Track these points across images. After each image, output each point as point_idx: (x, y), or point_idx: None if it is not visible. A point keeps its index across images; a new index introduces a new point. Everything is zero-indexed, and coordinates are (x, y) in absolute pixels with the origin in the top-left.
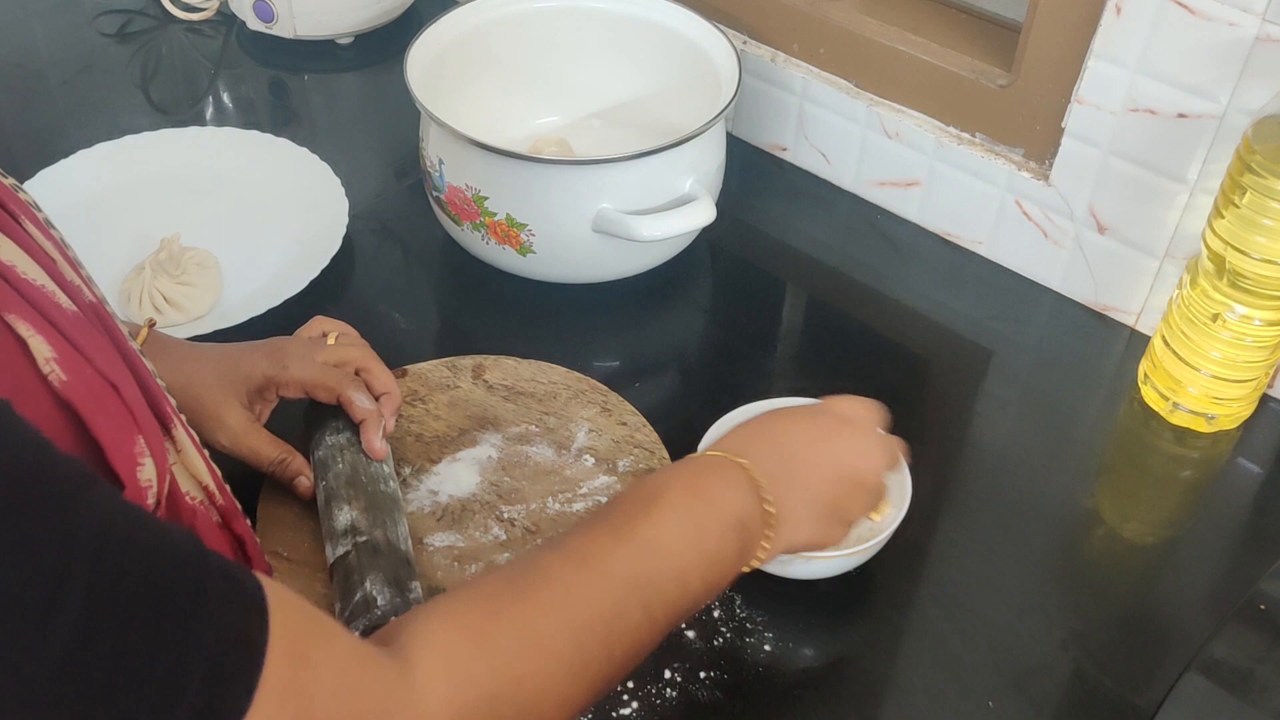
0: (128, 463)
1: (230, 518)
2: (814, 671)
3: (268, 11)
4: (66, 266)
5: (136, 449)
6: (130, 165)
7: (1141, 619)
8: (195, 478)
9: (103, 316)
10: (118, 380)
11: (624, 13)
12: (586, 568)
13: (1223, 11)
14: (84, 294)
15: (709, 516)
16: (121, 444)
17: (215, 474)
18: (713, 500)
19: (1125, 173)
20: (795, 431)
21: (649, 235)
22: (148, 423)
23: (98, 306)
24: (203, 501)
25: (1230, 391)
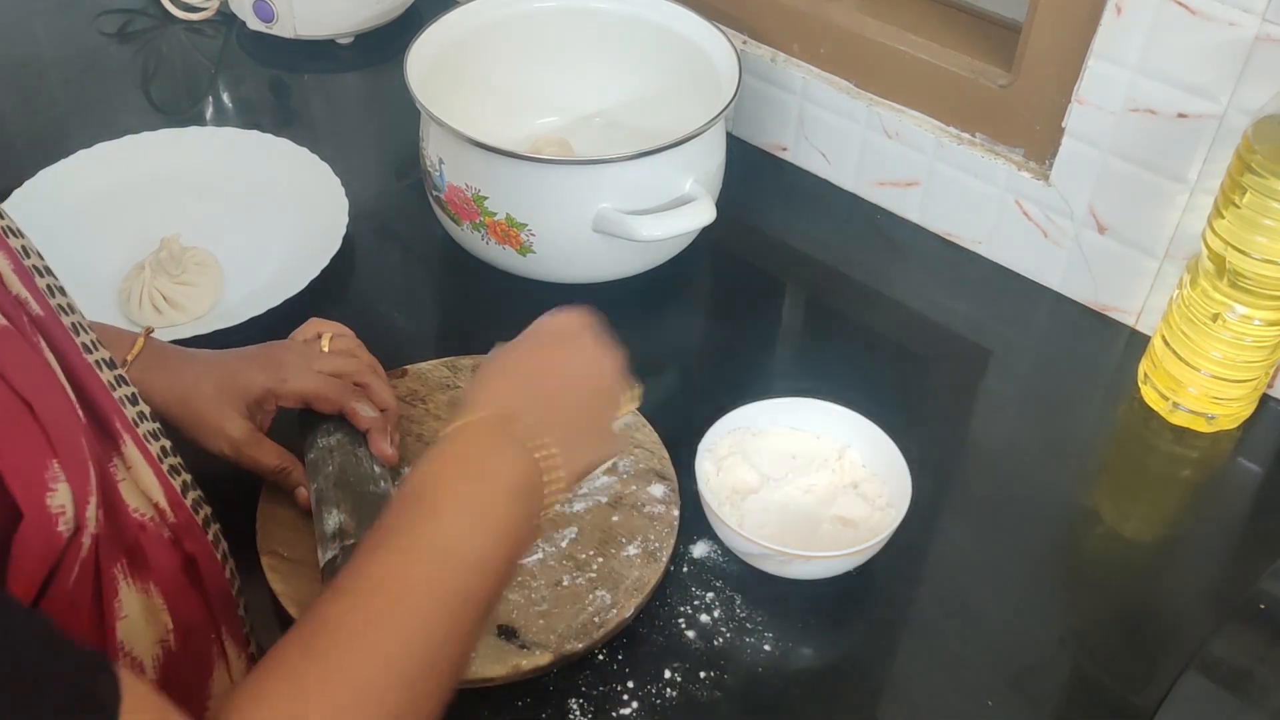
0: (33, 489)
1: (184, 535)
2: (814, 671)
3: (268, 11)
4: (14, 279)
5: (49, 474)
6: (130, 165)
7: (1141, 618)
8: (146, 494)
9: (48, 329)
10: (34, 398)
11: (624, 13)
12: (382, 598)
13: (1223, 11)
14: (30, 305)
15: (489, 495)
16: (25, 468)
17: (170, 490)
18: (486, 476)
19: (1125, 173)
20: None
21: (649, 235)
22: (69, 444)
23: (45, 319)
24: (153, 518)
25: (1230, 391)
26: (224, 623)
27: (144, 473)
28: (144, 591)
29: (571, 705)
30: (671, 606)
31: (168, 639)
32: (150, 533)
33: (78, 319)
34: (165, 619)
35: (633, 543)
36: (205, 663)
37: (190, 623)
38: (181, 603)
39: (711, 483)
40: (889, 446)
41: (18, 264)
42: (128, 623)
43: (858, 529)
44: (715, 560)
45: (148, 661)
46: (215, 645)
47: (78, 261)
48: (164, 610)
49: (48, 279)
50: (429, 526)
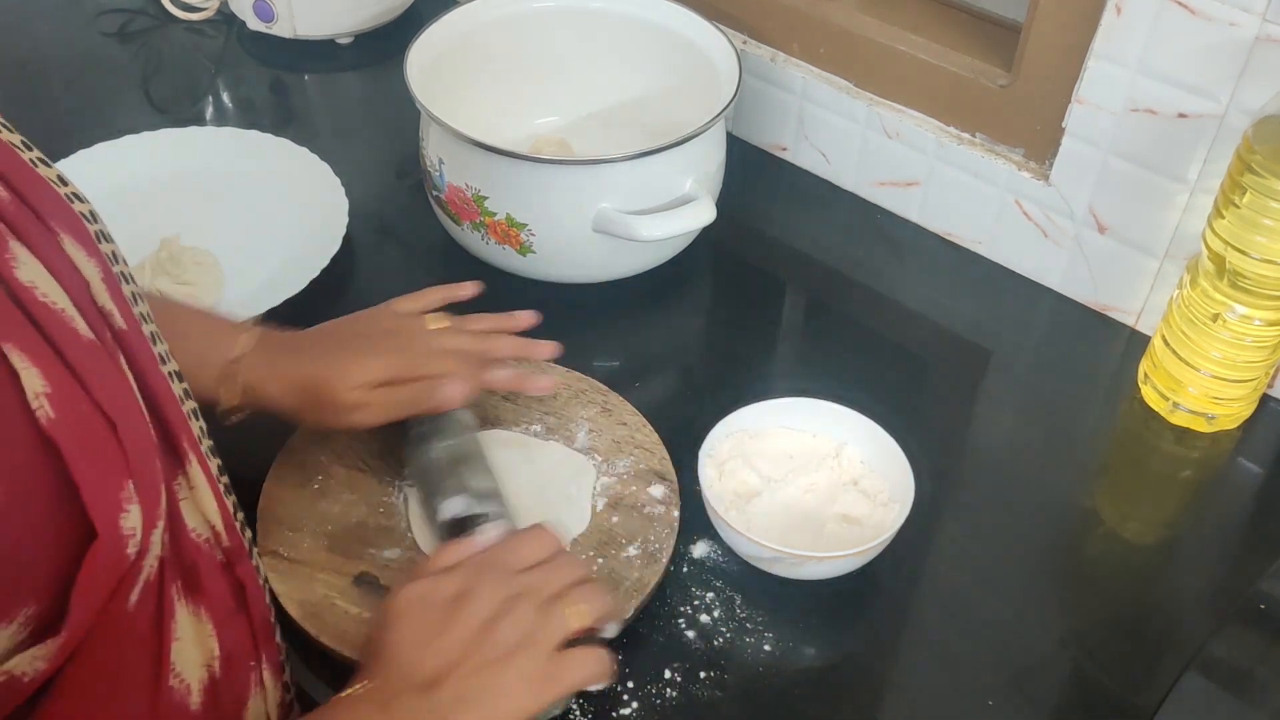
0: (109, 509)
1: (235, 560)
2: (814, 671)
3: (268, 11)
4: (102, 289)
5: (124, 495)
6: (130, 165)
7: (1141, 619)
8: (204, 516)
9: (132, 343)
10: (118, 417)
11: (624, 13)
12: None
13: (1223, 11)
14: (115, 318)
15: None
16: (104, 489)
17: (226, 513)
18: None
19: (1125, 173)
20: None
21: (649, 235)
22: (145, 466)
23: (129, 334)
24: (208, 540)
25: (1230, 391)
26: (264, 650)
27: (205, 493)
28: (195, 615)
29: (571, 705)
30: (671, 607)
31: (213, 664)
32: (205, 555)
33: (156, 329)
34: (213, 644)
35: (633, 544)
36: (243, 691)
37: (234, 648)
38: (229, 628)
39: (715, 488)
40: (887, 441)
41: (106, 271)
42: (180, 645)
43: (862, 526)
44: (715, 560)
45: (195, 685)
46: (254, 673)
47: None
48: (212, 636)
49: (132, 286)
50: None
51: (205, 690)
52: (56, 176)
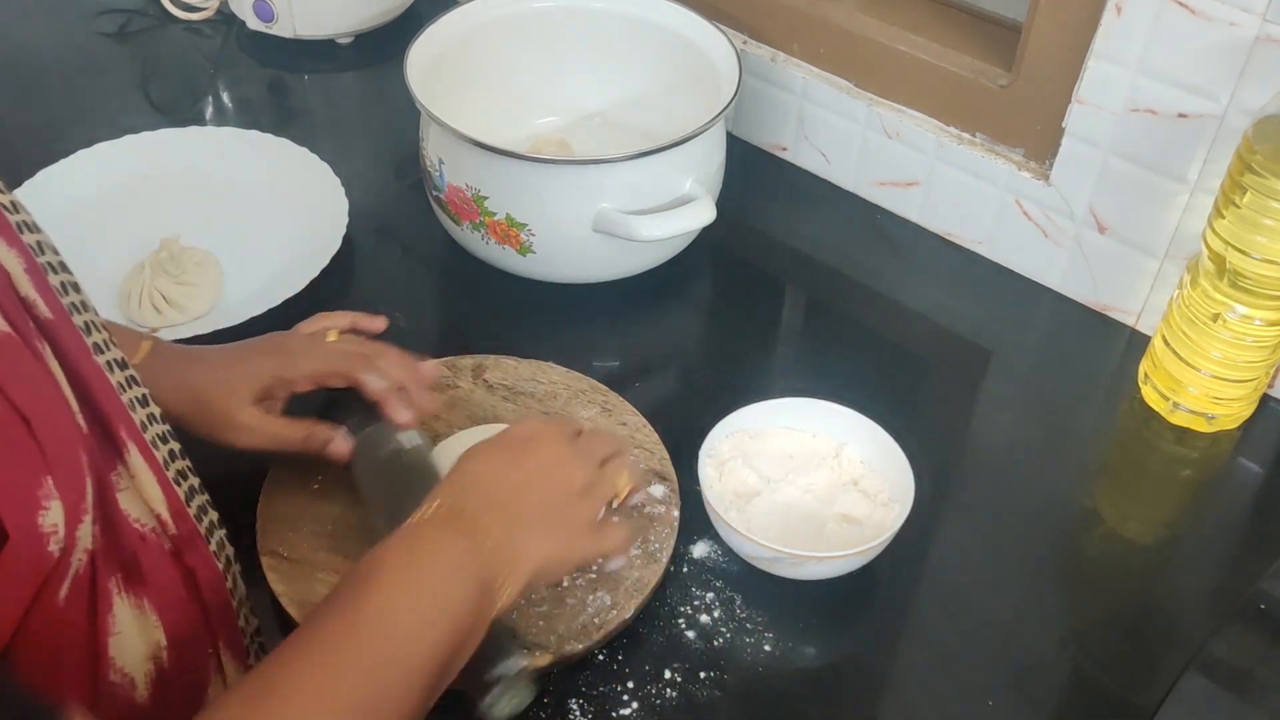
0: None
1: (185, 547)
2: (814, 671)
3: (268, 11)
4: (25, 279)
5: (41, 492)
6: (130, 165)
7: (1141, 619)
8: (148, 505)
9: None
10: (33, 412)
11: (624, 13)
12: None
13: (1223, 11)
14: (39, 308)
15: (433, 573)
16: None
17: (174, 499)
18: (433, 556)
19: (1125, 173)
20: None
21: (649, 235)
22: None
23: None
24: (154, 529)
25: (1230, 391)
26: (221, 635)
27: (148, 482)
28: (138, 607)
29: (571, 705)
30: (671, 607)
31: (160, 655)
32: (150, 544)
33: (91, 318)
34: (159, 635)
35: (633, 543)
36: (201, 676)
37: (185, 637)
38: (177, 617)
39: (715, 488)
40: (887, 441)
41: (30, 262)
42: (120, 639)
43: (862, 526)
44: (715, 560)
45: (140, 679)
46: (211, 659)
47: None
48: (157, 627)
49: (61, 276)
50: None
51: (152, 682)
52: None
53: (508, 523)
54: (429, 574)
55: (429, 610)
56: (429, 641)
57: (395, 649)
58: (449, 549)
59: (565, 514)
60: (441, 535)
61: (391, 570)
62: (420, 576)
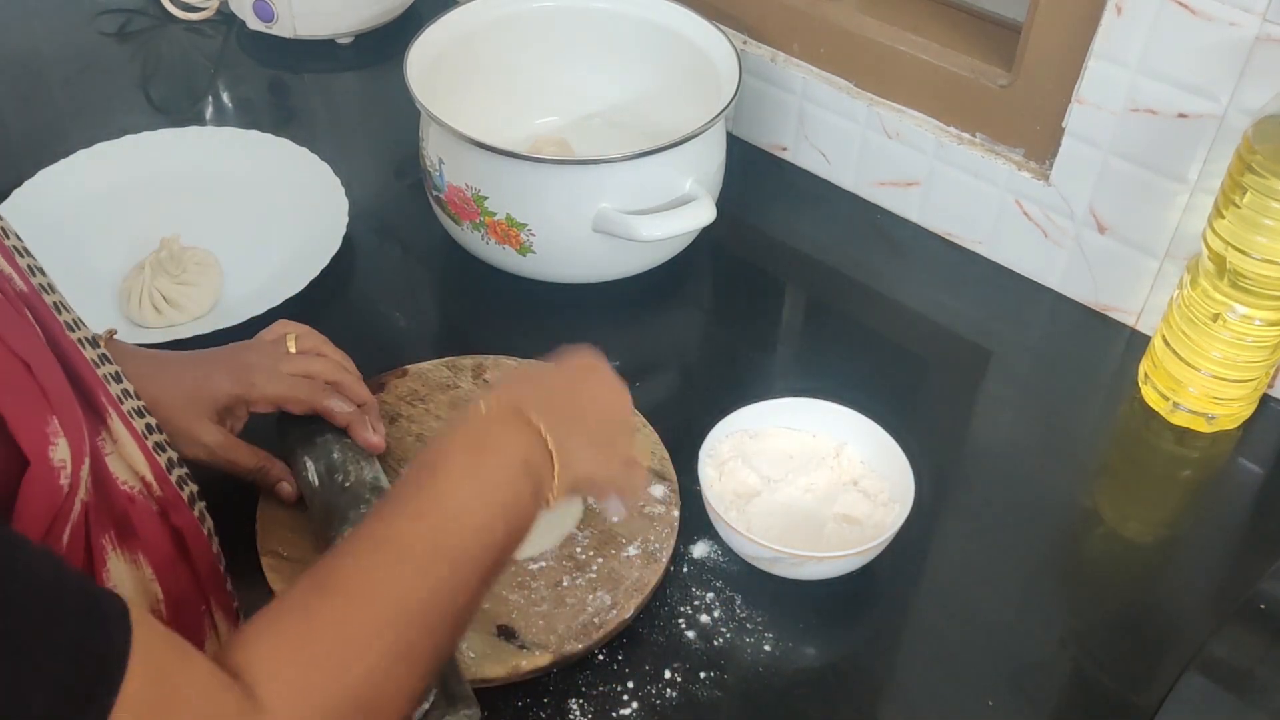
0: (37, 440)
1: (170, 509)
2: (814, 671)
3: (268, 11)
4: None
5: (50, 429)
6: (130, 165)
7: (1141, 619)
8: (133, 468)
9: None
10: (30, 359)
11: (624, 13)
12: (387, 552)
13: (1223, 11)
14: (15, 283)
15: (496, 468)
16: (29, 420)
17: (156, 466)
18: (497, 451)
19: (1125, 173)
20: (556, 380)
21: (649, 235)
22: (65, 406)
23: (28, 295)
24: (141, 491)
25: (1230, 391)
26: (212, 595)
27: (130, 447)
28: (133, 562)
29: (571, 705)
30: (671, 607)
31: (159, 609)
32: (139, 505)
33: (59, 299)
34: (155, 589)
35: (633, 543)
36: (197, 635)
37: (180, 595)
38: (170, 575)
39: (715, 488)
40: (887, 442)
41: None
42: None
43: (862, 526)
44: (715, 560)
45: None
46: (205, 618)
47: (78, 261)
48: (153, 580)
49: (28, 259)
50: (435, 491)
51: None
52: None
53: (564, 430)
54: (494, 468)
55: (491, 504)
56: (490, 534)
57: (459, 540)
58: (512, 445)
59: (611, 438)
60: (505, 432)
61: (456, 466)
62: (485, 470)
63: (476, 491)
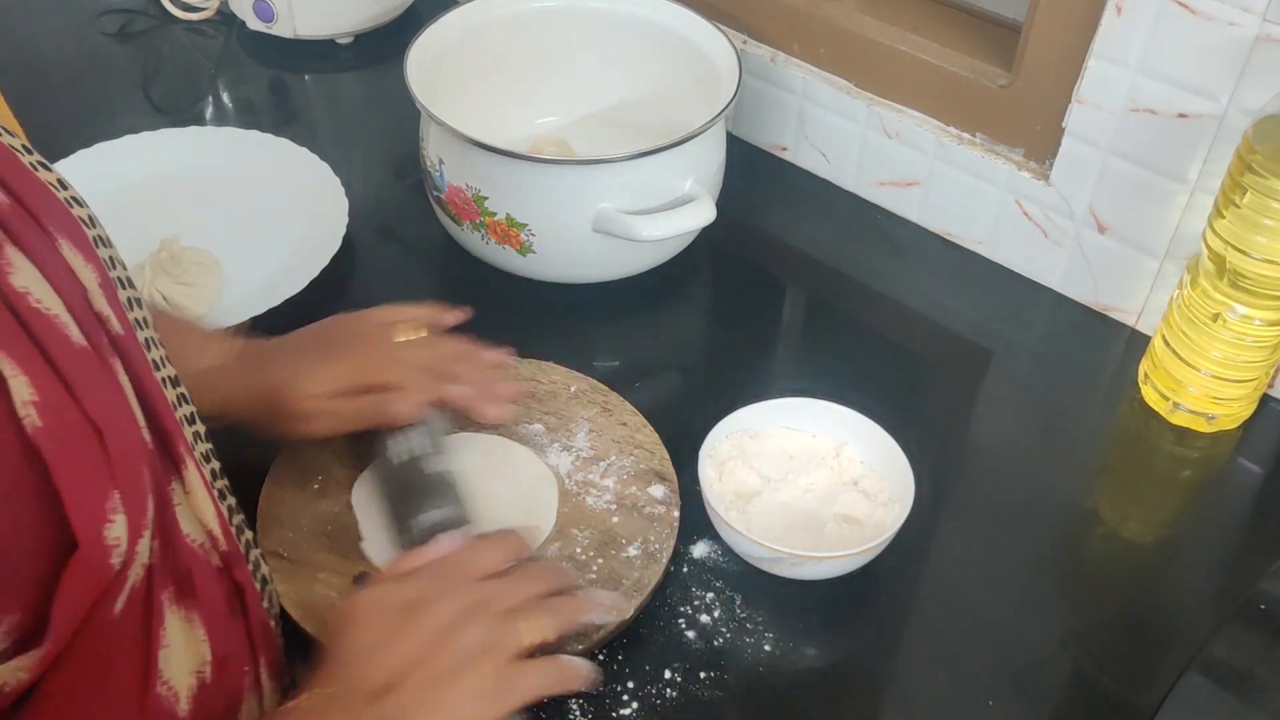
0: (93, 520)
1: (232, 564)
2: (814, 671)
3: (268, 11)
4: (99, 294)
5: (109, 505)
6: (130, 165)
7: (1141, 619)
8: (200, 520)
9: (128, 349)
10: (107, 427)
11: (624, 13)
12: None
13: (1223, 11)
14: (111, 324)
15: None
16: (88, 500)
17: (222, 518)
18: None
19: (1125, 173)
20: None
21: (649, 235)
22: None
23: (124, 339)
24: (203, 545)
25: (1230, 391)
26: (263, 655)
27: (201, 498)
28: (188, 620)
29: (571, 705)
30: (671, 607)
31: (204, 670)
32: (200, 560)
33: (151, 334)
34: (204, 650)
35: (633, 544)
36: (236, 694)
37: (228, 653)
38: (223, 633)
39: (715, 488)
40: (887, 442)
41: (104, 277)
42: (168, 651)
43: (862, 526)
44: (715, 560)
45: (183, 692)
46: (249, 676)
47: None
48: (204, 641)
49: (129, 291)
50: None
51: (193, 697)
52: (56, 180)
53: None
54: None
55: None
56: None
57: None
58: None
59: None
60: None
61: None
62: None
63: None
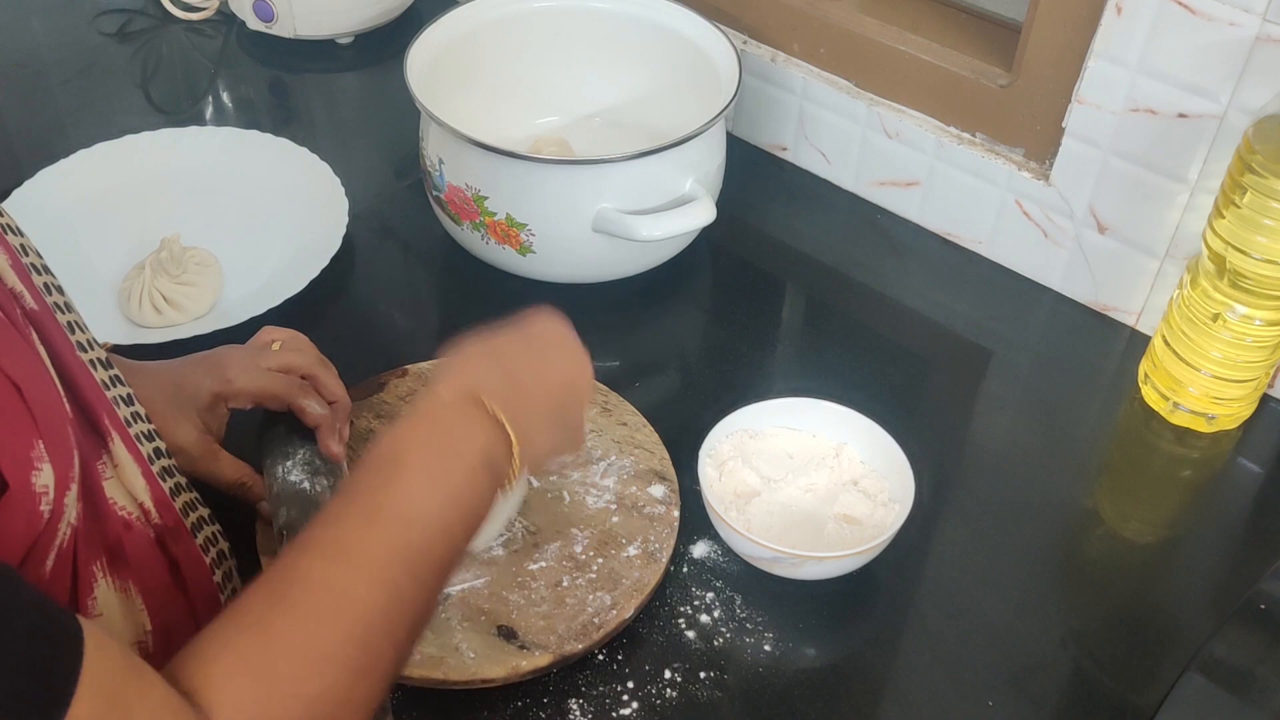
0: (20, 465)
1: (169, 537)
2: (814, 671)
3: (268, 11)
4: (11, 274)
5: (34, 453)
6: (130, 165)
7: (1141, 619)
8: (131, 494)
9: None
10: (22, 381)
11: (624, 13)
12: (346, 561)
13: (1223, 11)
14: (25, 299)
15: (456, 466)
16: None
17: (158, 491)
18: (457, 448)
19: (1125, 173)
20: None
21: (649, 235)
22: (55, 430)
23: (39, 314)
24: (138, 518)
25: (1230, 391)
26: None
27: (131, 472)
28: (123, 590)
29: (571, 705)
30: (671, 607)
31: (145, 640)
32: (135, 532)
33: (75, 318)
34: (144, 620)
35: (633, 543)
36: None
37: (171, 624)
38: (163, 604)
39: (715, 488)
40: (887, 442)
41: (15, 260)
42: (102, 620)
43: (862, 526)
44: (715, 560)
45: None
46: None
47: (78, 261)
48: (143, 611)
49: (45, 277)
50: (393, 491)
51: None
52: None
53: (525, 416)
54: (454, 469)
55: (450, 498)
56: (449, 535)
57: (418, 545)
58: (474, 441)
59: (566, 412)
60: (466, 426)
61: (416, 460)
62: (445, 471)
63: (436, 493)
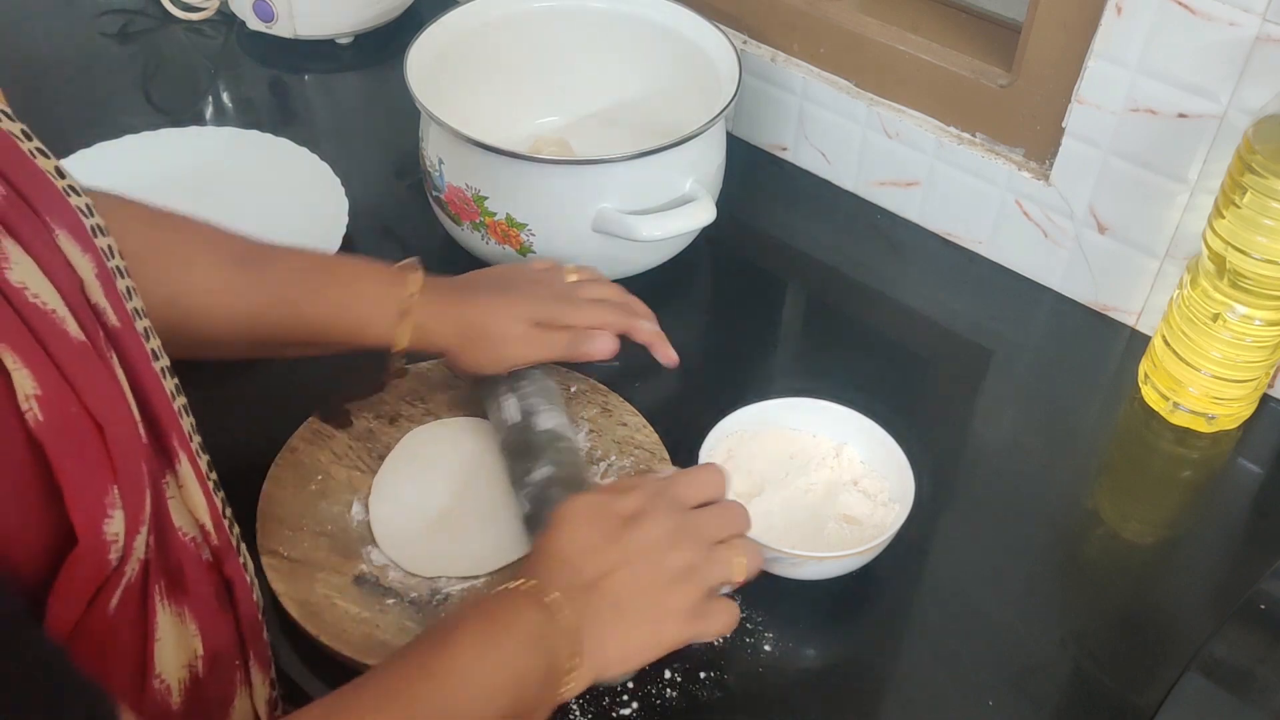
0: (92, 515)
1: (223, 558)
2: (814, 671)
3: (268, 11)
4: (96, 286)
5: (108, 500)
6: (130, 165)
7: (1141, 619)
8: (193, 514)
9: (123, 341)
10: (106, 421)
11: (624, 13)
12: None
13: (1223, 11)
14: (108, 316)
15: (506, 637)
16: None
17: (215, 511)
18: (507, 626)
19: (1125, 173)
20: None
21: (649, 235)
22: (131, 471)
23: (122, 331)
24: (194, 539)
25: (1230, 391)
26: (251, 647)
27: (194, 491)
28: (178, 615)
29: (571, 705)
30: None
31: (195, 664)
32: (191, 555)
33: (148, 324)
34: (196, 644)
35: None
36: (228, 689)
37: (219, 648)
38: (213, 627)
39: None
40: (887, 442)
41: (101, 267)
42: (161, 646)
43: (862, 526)
44: None
45: (174, 686)
46: (240, 671)
47: None
48: (196, 636)
49: (126, 281)
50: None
51: (185, 690)
52: (54, 168)
53: (591, 610)
54: (504, 641)
55: (497, 677)
56: (493, 707)
57: (461, 705)
58: (526, 624)
59: (656, 602)
60: (522, 609)
61: (468, 632)
62: (495, 642)
63: (484, 658)
